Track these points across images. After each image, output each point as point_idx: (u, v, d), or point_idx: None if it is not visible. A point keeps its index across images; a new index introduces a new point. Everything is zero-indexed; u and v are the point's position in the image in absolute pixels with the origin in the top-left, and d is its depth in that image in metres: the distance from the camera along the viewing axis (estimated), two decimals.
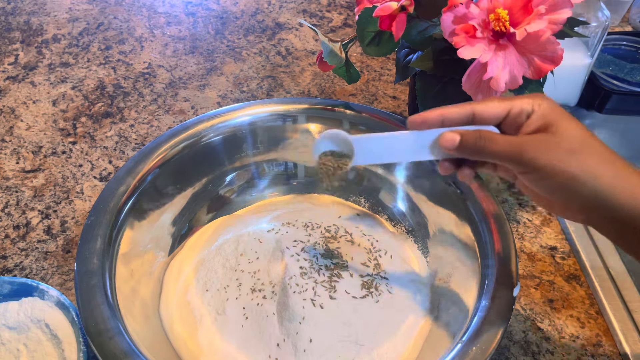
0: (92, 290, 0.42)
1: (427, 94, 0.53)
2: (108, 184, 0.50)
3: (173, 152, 0.54)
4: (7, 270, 0.56)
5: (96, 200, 0.49)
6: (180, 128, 0.56)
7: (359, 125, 0.58)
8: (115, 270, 0.46)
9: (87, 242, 0.46)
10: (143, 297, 0.48)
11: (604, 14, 0.65)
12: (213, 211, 0.59)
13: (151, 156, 0.53)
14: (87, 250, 0.45)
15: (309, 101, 0.59)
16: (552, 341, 0.51)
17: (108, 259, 0.45)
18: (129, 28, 0.89)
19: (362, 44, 0.53)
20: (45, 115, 0.73)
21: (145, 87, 0.78)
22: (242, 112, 0.58)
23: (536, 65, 0.43)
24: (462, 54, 0.44)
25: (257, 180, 0.61)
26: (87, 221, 0.47)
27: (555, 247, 0.59)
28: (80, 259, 0.44)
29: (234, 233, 0.54)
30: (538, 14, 0.42)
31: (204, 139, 0.56)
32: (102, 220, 0.47)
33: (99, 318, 0.41)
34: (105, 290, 0.43)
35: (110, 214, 0.48)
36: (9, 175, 0.65)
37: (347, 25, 0.90)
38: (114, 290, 0.44)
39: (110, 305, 0.42)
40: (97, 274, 0.43)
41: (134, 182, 0.51)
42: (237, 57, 0.83)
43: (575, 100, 0.74)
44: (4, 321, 0.47)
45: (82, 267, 0.44)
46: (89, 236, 0.46)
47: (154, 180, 0.53)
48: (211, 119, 0.57)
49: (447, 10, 0.45)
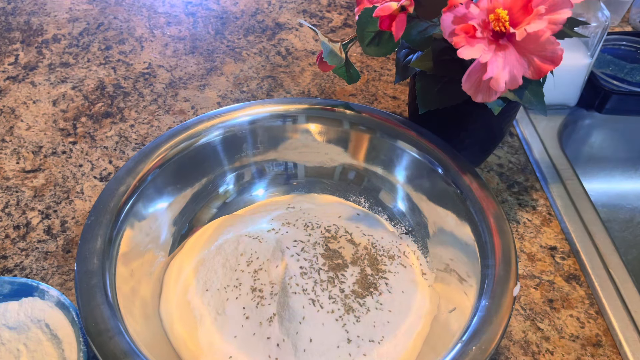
0: (92, 290, 0.42)
1: (427, 94, 0.53)
2: (108, 184, 0.50)
3: (173, 152, 0.54)
4: (7, 270, 0.56)
5: (96, 200, 0.49)
6: (180, 128, 0.56)
7: (359, 125, 0.58)
8: (116, 270, 0.46)
9: (87, 242, 0.45)
10: (143, 296, 0.48)
11: (603, 14, 0.65)
12: (213, 211, 0.59)
13: (151, 156, 0.53)
14: (87, 250, 0.45)
15: (309, 101, 0.59)
16: (552, 341, 0.51)
17: (108, 259, 0.45)
18: (129, 28, 0.89)
19: (362, 44, 0.53)
20: (45, 115, 0.73)
21: (145, 87, 0.78)
22: (242, 112, 0.58)
23: (536, 66, 0.44)
24: (462, 54, 0.44)
25: (257, 180, 0.61)
26: (87, 221, 0.47)
27: (555, 247, 0.59)
28: (80, 259, 0.44)
29: (234, 233, 0.54)
30: (538, 14, 0.42)
31: (204, 139, 0.56)
32: (102, 220, 0.47)
33: (99, 318, 0.41)
34: (105, 290, 0.43)
35: (110, 214, 0.48)
36: (9, 175, 0.65)
37: (347, 25, 0.90)
38: (114, 290, 0.44)
39: (111, 305, 0.42)
40: (97, 274, 0.43)
41: (134, 182, 0.50)
42: (237, 57, 0.83)
43: (575, 101, 0.74)
44: (4, 321, 0.47)
45: (82, 267, 0.44)
46: (89, 236, 0.46)
47: (154, 180, 0.53)
48: (211, 119, 0.57)
49: (447, 10, 0.45)
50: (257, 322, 0.47)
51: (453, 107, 0.52)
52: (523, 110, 0.74)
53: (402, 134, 0.56)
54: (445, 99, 0.52)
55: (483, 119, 0.57)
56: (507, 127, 0.61)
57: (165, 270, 0.53)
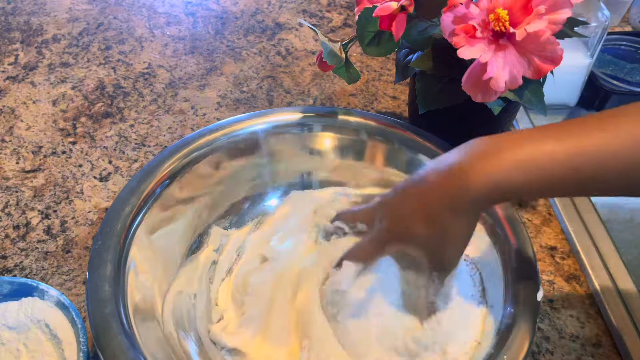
0: (107, 320, 0.41)
1: (427, 94, 0.53)
2: (112, 206, 0.48)
3: (178, 167, 0.53)
4: (7, 270, 0.56)
5: (102, 224, 0.47)
6: (182, 143, 0.54)
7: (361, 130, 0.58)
8: (128, 296, 0.44)
9: (97, 269, 0.44)
10: (157, 318, 0.47)
11: (603, 14, 0.65)
12: (223, 225, 0.57)
13: (154, 173, 0.51)
14: (97, 277, 0.43)
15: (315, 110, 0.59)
16: (552, 341, 0.51)
17: (119, 284, 0.44)
18: (129, 28, 0.89)
19: (362, 44, 0.53)
20: (45, 115, 0.73)
21: (145, 87, 0.78)
22: (242, 124, 0.57)
23: (536, 65, 0.44)
24: (462, 54, 0.44)
25: (270, 190, 0.60)
26: (94, 245, 0.45)
27: (555, 247, 0.59)
28: (91, 287, 0.43)
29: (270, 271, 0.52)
30: (538, 14, 0.42)
31: (206, 153, 0.55)
32: (110, 244, 0.46)
33: (117, 349, 0.39)
34: (120, 318, 0.41)
35: (117, 237, 0.46)
36: (9, 175, 0.65)
37: (347, 25, 0.90)
38: (129, 317, 0.42)
39: (128, 335, 0.40)
40: (110, 301, 0.42)
41: (139, 202, 0.49)
42: (237, 57, 0.83)
43: (575, 101, 0.74)
44: (4, 321, 0.47)
45: (94, 296, 0.42)
46: (98, 262, 0.44)
47: (159, 198, 0.51)
48: (213, 132, 0.56)
49: (447, 10, 0.45)
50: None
51: (453, 107, 0.52)
52: (523, 110, 0.73)
53: (421, 146, 0.56)
54: (445, 99, 0.52)
55: (483, 119, 0.57)
56: (507, 127, 0.61)
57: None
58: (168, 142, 0.70)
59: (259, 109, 0.74)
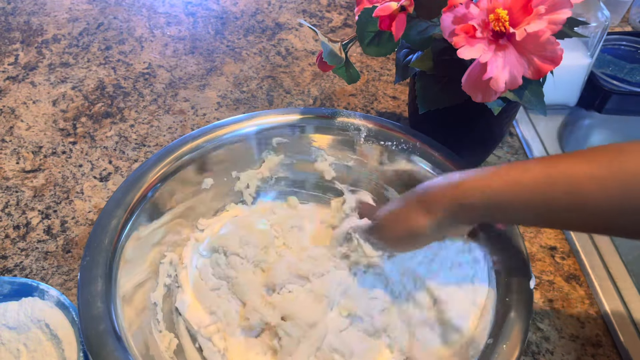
0: (102, 337, 0.41)
1: (427, 94, 0.53)
2: (99, 219, 0.48)
3: (158, 177, 0.52)
4: (7, 270, 0.56)
5: (89, 239, 0.46)
6: (166, 151, 0.53)
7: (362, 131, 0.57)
8: (120, 310, 0.44)
9: (88, 285, 0.43)
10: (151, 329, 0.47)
11: (603, 14, 0.65)
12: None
13: (138, 184, 0.50)
14: (88, 293, 0.43)
15: (314, 112, 0.58)
16: (552, 341, 0.51)
17: (111, 299, 0.43)
18: (129, 28, 0.89)
19: (362, 44, 0.53)
20: (45, 115, 0.73)
21: (145, 87, 0.78)
22: (226, 129, 0.56)
23: (536, 66, 0.44)
24: (462, 54, 0.44)
25: (262, 192, 0.60)
26: (82, 262, 0.45)
27: (554, 247, 0.59)
28: (83, 304, 0.42)
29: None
30: (538, 14, 0.42)
31: (192, 159, 0.54)
32: (99, 259, 0.45)
33: None
34: (115, 334, 0.41)
35: (105, 252, 0.45)
36: (9, 175, 0.65)
37: (347, 25, 0.90)
38: (123, 331, 0.42)
39: (124, 350, 0.40)
40: (104, 318, 0.42)
41: (125, 214, 0.48)
42: (237, 57, 0.83)
43: (575, 100, 0.74)
44: (4, 321, 0.47)
45: (87, 313, 0.42)
46: (88, 278, 0.44)
47: (146, 208, 0.50)
48: (195, 139, 0.55)
49: (447, 11, 0.45)
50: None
51: (453, 107, 0.52)
52: (523, 110, 0.74)
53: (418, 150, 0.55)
54: (445, 99, 0.52)
55: (483, 119, 0.57)
56: (507, 127, 0.61)
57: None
58: (168, 142, 0.70)
59: (259, 109, 0.75)
